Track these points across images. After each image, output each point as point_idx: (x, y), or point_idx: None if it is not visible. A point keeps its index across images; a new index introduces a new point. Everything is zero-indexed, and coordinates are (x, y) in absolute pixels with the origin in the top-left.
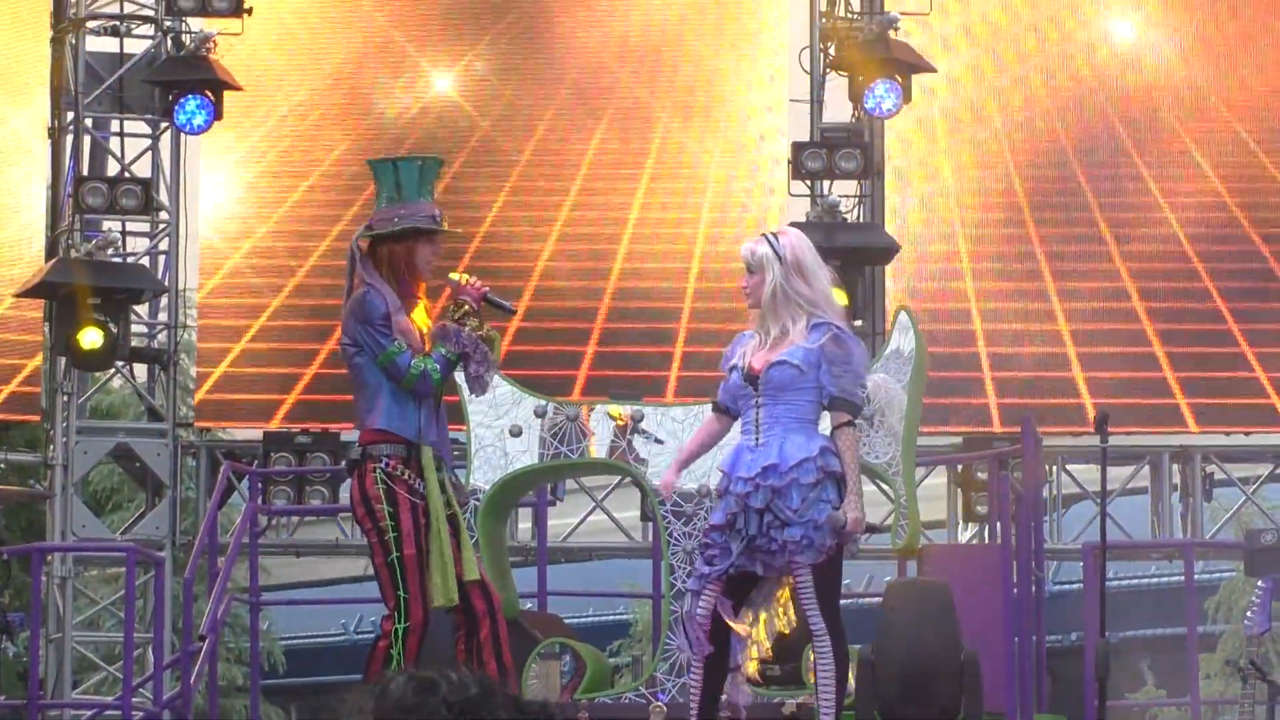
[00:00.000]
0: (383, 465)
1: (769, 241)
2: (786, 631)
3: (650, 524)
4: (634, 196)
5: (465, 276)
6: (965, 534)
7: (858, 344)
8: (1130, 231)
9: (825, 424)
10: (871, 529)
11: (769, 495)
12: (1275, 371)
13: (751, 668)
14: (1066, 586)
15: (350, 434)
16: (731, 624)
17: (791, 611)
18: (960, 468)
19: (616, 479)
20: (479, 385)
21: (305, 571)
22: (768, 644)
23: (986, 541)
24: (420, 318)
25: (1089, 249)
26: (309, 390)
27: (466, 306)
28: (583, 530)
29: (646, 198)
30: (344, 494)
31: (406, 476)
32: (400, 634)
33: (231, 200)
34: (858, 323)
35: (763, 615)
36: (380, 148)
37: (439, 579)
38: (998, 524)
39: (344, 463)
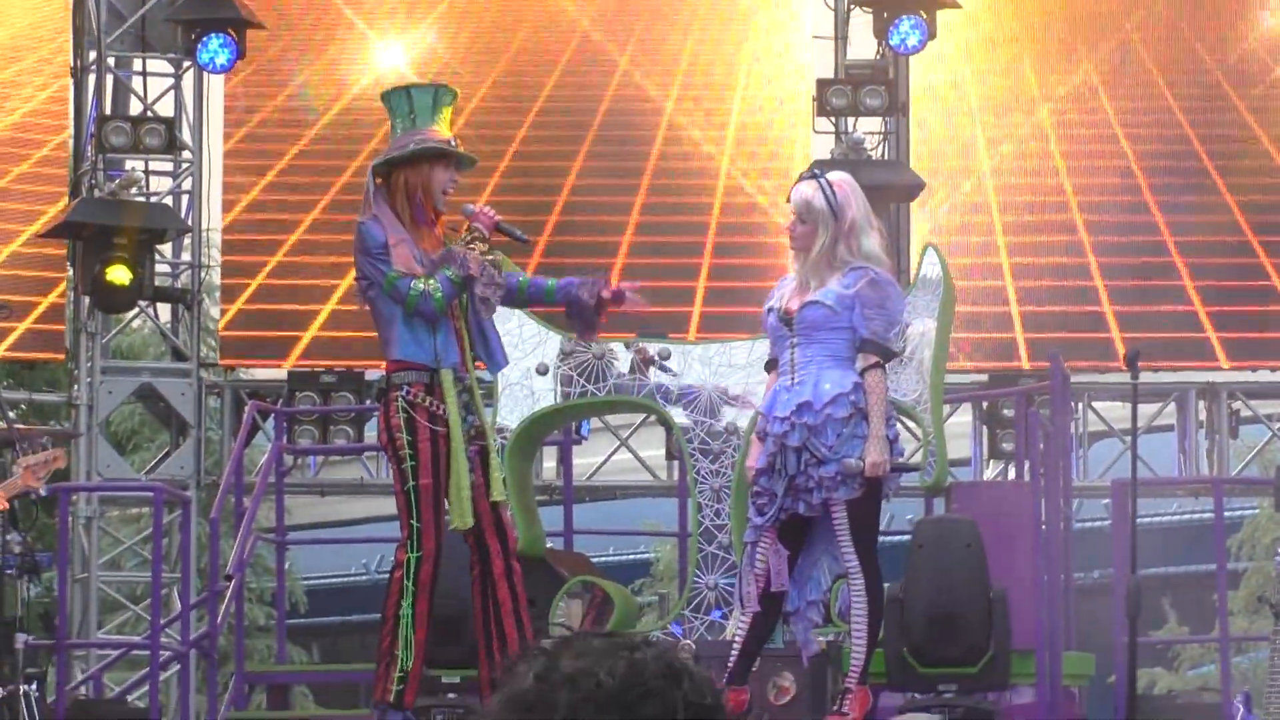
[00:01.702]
0: (404, 394)
1: (825, 196)
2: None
3: (676, 462)
4: (657, 130)
5: (482, 207)
6: (991, 471)
7: (894, 288)
8: (1166, 180)
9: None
10: (901, 468)
11: (805, 433)
12: None
13: None
14: (1089, 524)
15: (376, 373)
16: (782, 582)
17: None
18: (986, 404)
19: (642, 417)
20: (486, 307)
21: (328, 511)
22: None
23: (1012, 478)
24: (437, 244)
25: (1121, 199)
26: (330, 328)
27: (476, 233)
28: (607, 469)
29: (669, 131)
30: (369, 433)
31: (428, 404)
32: (413, 563)
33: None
34: None
35: (824, 562)
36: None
37: (455, 503)
38: (1025, 461)
39: (376, 393)
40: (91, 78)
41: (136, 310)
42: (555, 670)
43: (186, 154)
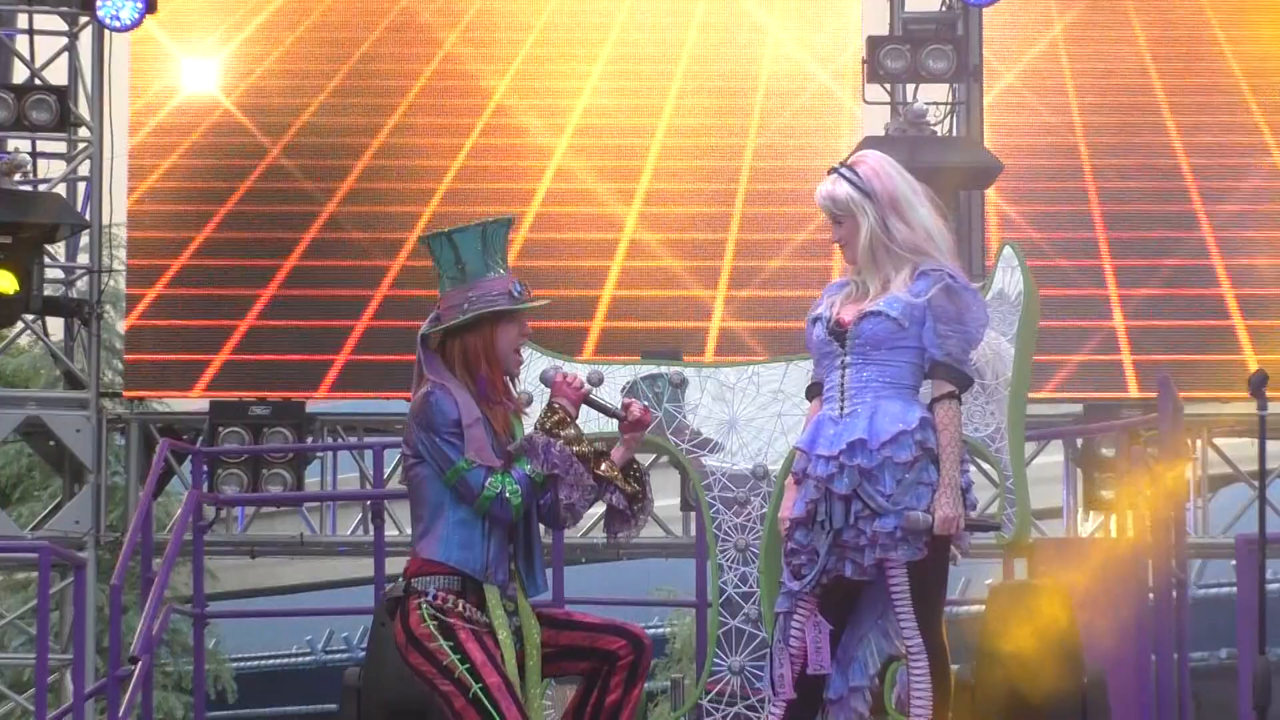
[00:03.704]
0: (429, 599)
1: (848, 179)
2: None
3: (693, 514)
4: (665, 98)
5: (564, 372)
6: (1087, 525)
7: (975, 297)
8: None
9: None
10: (977, 526)
11: (856, 478)
12: None
13: None
14: (1213, 591)
15: (317, 404)
16: (822, 663)
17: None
18: (1081, 442)
19: (650, 458)
20: (571, 515)
21: (262, 577)
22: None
23: (1114, 535)
24: (507, 423)
25: (1244, 163)
26: (257, 347)
27: (560, 413)
28: None
29: (679, 99)
30: (311, 479)
31: (461, 609)
32: None
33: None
34: None
35: (871, 638)
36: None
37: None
38: (1128, 513)
39: (384, 601)
40: None
41: (21, 326)
42: None
43: (84, 132)
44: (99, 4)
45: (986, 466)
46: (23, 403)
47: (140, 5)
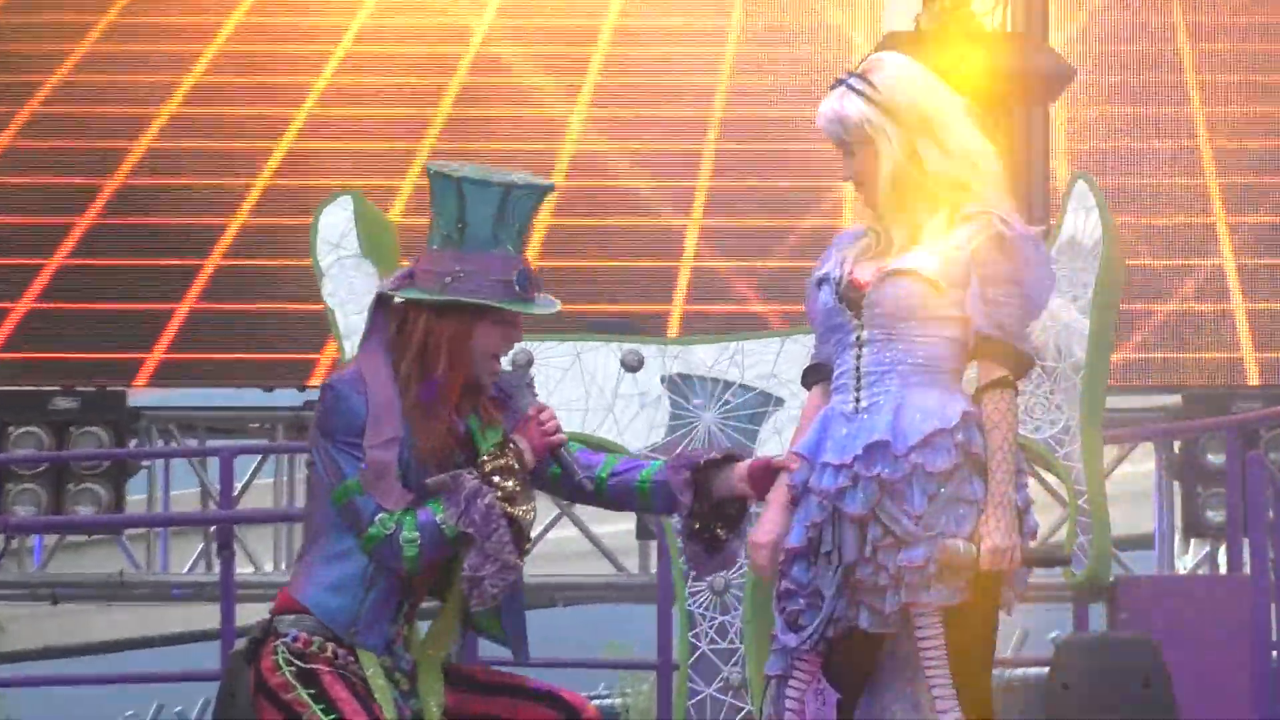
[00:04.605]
0: (288, 639)
1: (860, 91)
2: None
3: (654, 544)
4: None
5: (542, 405)
6: (1188, 557)
7: (1036, 249)
8: None
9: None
10: (1039, 560)
11: (875, 494)
12: None
13: None
14: None
15: (140, 395)
16: None
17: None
18: (1179, 446)
19: None
20: (477, 596)
21: (66, 630)
22: None
23: (1223, 570)
24: (443, 448)
25: None
26: (40, 340)
27: (510, 455)
28: (543, 554)
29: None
30: (134, 494)
31: (329, 652)
32: None
33: None
34: None
35: (895, 710)
36: None
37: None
38: (1243, 540)
39: (241, 647)
40: None
41: None
42: None
43: None
44: None
45: (1051, 478)
46: None
47: None
